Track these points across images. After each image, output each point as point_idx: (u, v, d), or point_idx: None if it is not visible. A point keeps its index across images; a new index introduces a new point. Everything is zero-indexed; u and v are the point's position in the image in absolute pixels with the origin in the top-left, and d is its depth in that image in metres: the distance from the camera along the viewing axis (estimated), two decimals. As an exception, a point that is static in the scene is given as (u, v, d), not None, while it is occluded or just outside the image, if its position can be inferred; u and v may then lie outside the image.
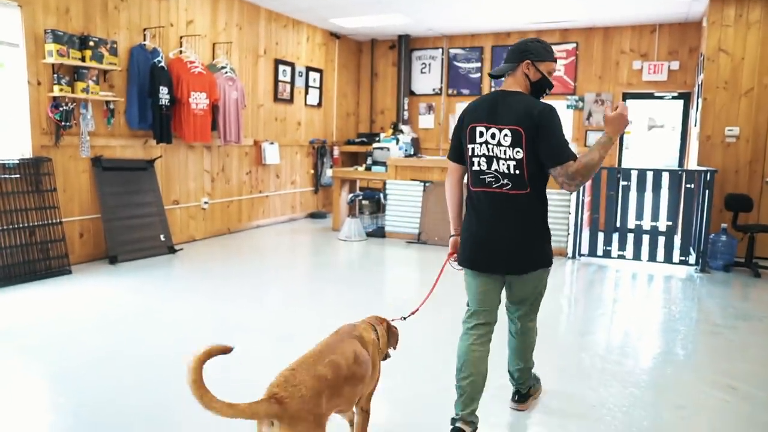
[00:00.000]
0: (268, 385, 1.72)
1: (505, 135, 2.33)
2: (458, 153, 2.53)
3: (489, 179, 2.40)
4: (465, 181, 2.57)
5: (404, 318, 2.54)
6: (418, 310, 2.66)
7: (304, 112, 8.87)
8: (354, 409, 2.15)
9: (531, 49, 2.42)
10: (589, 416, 2.73)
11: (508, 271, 2.45)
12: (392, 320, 2.40)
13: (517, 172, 2.34)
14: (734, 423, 2.75)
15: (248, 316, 4.17)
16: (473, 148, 2.43)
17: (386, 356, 2.32)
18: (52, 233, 5.07)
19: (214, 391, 1.56)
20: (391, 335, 2.31)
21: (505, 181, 2.36)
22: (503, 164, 2.35)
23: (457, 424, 2.39)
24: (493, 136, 2.37)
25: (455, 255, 2.60)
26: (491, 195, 2.40)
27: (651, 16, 7.75)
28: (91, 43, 5.24)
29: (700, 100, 6.89)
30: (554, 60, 2.46)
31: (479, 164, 2.42)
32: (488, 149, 2.38)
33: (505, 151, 2.34)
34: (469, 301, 2.53)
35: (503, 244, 2.40)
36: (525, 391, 2.77)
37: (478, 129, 2.41)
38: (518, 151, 2.32)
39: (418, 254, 6.54)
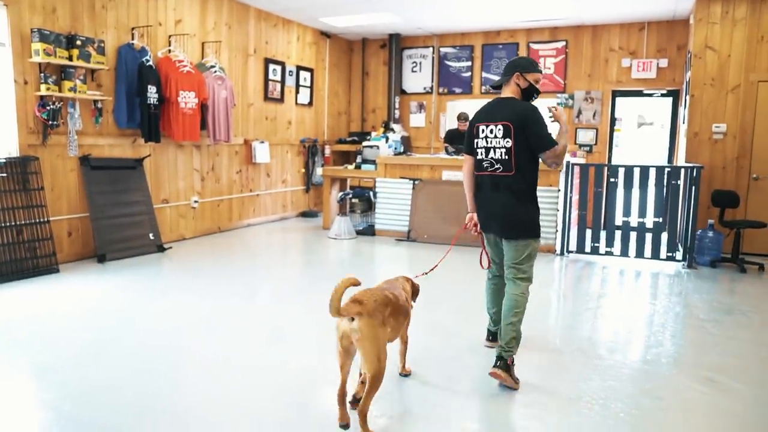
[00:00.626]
0: (349, 300, 2.50)
1: (499, 129, 3.08)
2: (469, 146, 3.27)
3: (486, 165, 3.15)
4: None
5: (425, 273, 3.40)
6: (436, 267, 3.46)
7: (294, 111, 8.88)
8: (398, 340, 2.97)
9: (520, 64, 3.16)
10: (568, 409, 2.76)
11: (501, 236, 3.17)
12: (415, 276, 3.22)
13: (506, 157, 3.06)
14: (710, 414, 2.78)
15: (238, 313, 4.18)
16: (477, 142, 3.19)
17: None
18: (39, 232, 5.07)
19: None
20: (414, 290, 3.08)
21: (498, 165, 3.10)
22: (498, 152, 3.08)
23: (493, 331, 3.50)
24: (491, 131, 3.11)
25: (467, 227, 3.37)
26: (488, 177, 3.16)
27: (639, 13, 7.79)
28: (79, 42, 5.24)
29: (688, 97, 6.93)
30: (539, 71, 3.17)
31: (481, 154, 3.17)
32: (487, 141, 3.13)
33: (498, 141, 3.08)
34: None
35: (497, 214, 3.14)
36: (507, 358, 2.97)
37: (480, 127, 3.17)
38: (508, 141, 3.05)
39: (407, 252, 6.57)
